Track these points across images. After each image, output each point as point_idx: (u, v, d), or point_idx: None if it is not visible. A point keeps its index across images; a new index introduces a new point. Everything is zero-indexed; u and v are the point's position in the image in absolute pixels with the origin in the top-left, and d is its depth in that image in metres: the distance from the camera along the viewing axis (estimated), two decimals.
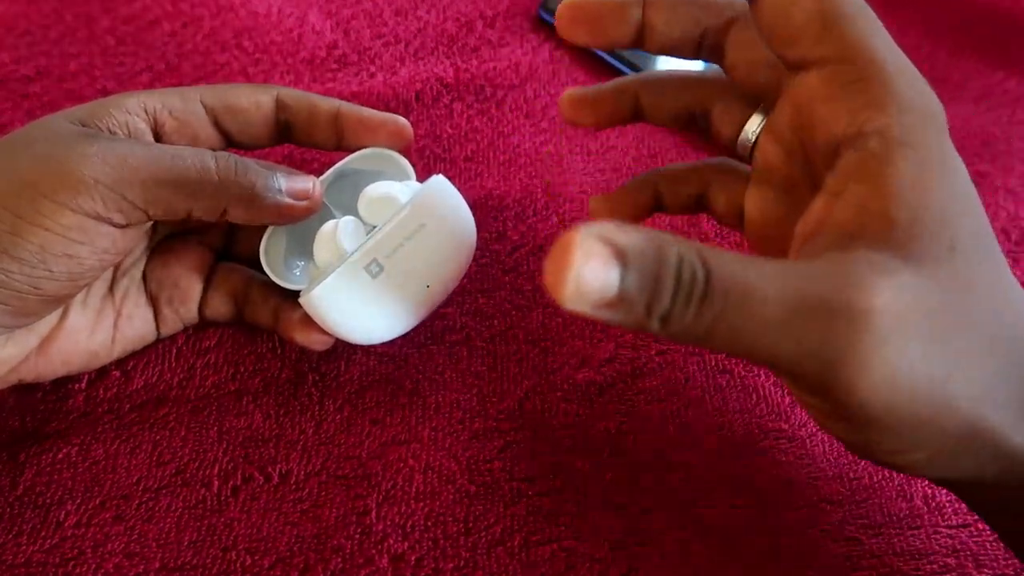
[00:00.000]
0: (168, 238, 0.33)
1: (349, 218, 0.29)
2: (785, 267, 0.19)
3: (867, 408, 0.19)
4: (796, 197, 0.24)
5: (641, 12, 0.25)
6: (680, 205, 0.29)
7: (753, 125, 0.26)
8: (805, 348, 0.18)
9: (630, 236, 0.18)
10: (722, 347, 0.19)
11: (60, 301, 0.27)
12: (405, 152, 0.32)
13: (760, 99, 0.26)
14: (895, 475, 0.29)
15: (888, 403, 0.19)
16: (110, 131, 0.28)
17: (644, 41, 0.25)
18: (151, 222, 0.27)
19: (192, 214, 0.27)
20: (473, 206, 0.31)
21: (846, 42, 0.21)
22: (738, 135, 0.26)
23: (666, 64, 0.43)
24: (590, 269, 0.17)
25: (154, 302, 0.32)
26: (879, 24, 0.21)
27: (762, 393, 0.31)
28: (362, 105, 0.32)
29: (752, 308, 0.18)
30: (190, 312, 0.32)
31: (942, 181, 0.20)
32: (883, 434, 0.20)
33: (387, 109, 0.42)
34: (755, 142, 0.26)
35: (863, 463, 0.29)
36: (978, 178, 0.39)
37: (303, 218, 0.29)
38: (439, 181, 0.30)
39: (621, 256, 0.18)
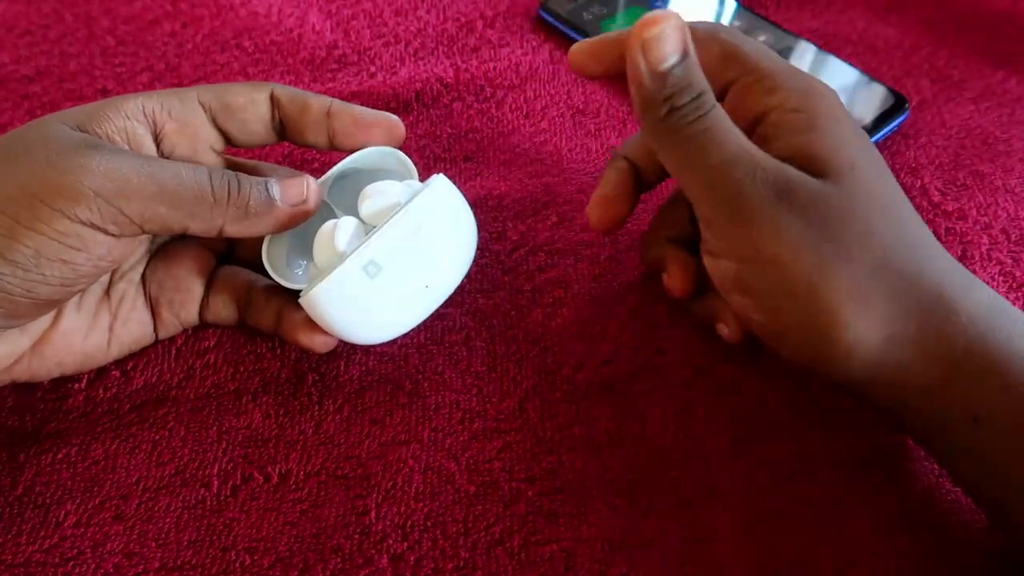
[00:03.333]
0: (169, 241, 0.33)
1: (348, 218, 0.29)
2: (750, 146, 0.25)
3: (755, 246, 0.25)
4: None
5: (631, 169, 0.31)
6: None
7: None
8: (727, 186, 0.25)
9: (693, 49, 0.25)
10: (681, 156, 0.26)
11: (52, 305, 0.27)
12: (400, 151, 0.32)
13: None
14: (896, 475, 0.29)
15: (770, 251, 0.25)
16: (109, 137, 0.27)
17: (645, 182, 0.32)
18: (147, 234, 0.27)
19: (188, 231, 0.27)
20: (473, 206, 0.31)
21: (742, 64, 0.28)
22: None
23: None
24: (668, 40, 0.24)
25: (154, 305, 0.32)
26: (762, 46, 0.29)
27: (762, 394, 0.31)
28: (362, 105, 0.32)
29: (718, 145, 0.25)
30: (190, 315, 0.32)
31: (831, 121, 0.26)
32: (773, 291, 0.25)
33: (387, 109, 0.42)
34: None
35: (863, 463, 0.29)
36: (978, 178, 0.39)
37: (302, 222, 0.29)
38: (439, 181, 0.30)
39: (685, 54, 0.25)
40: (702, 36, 0.28)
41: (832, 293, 0.24)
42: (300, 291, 0.30)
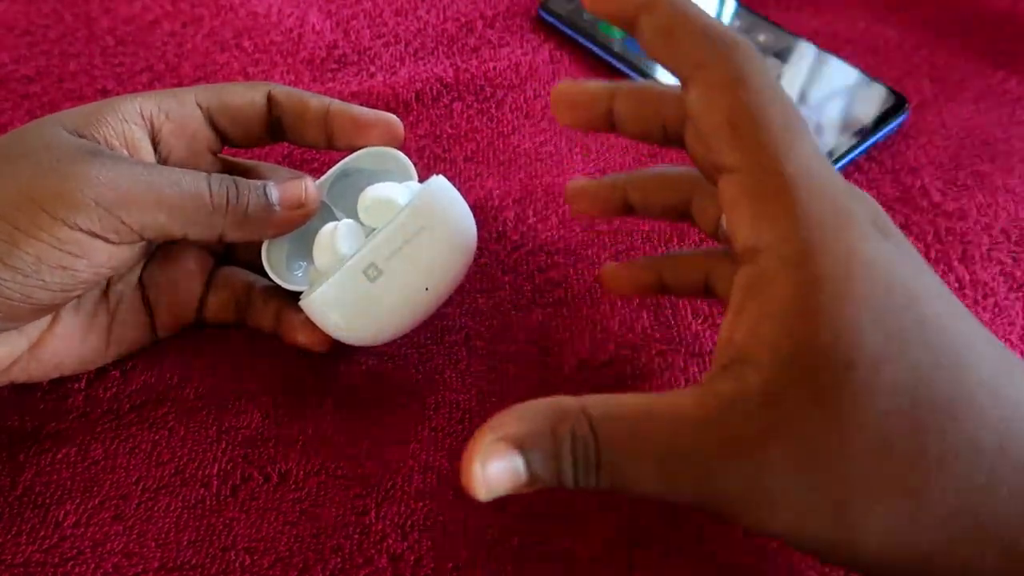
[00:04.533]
0: (168, 242, 0.33)
1: (347, 221, 0.29)
2: (661, 418, 0.20)
3: (760, 532, 0.20)
4: None
5: (608, 104, 0.25)
6: (684, 287, 0.29)
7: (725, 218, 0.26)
8: (684, 489, 0.20)
9: (526, 423, 0.21)
10: (629, 494, 0.21)
11: (50, 309, 0.27)
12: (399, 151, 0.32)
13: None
14: None
15: (782, 531, 0.20)
16: (107, 142, 0.27)
17: (616, 128, 0.26)
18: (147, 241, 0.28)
19: (188, 237, 0.27)
20: (473, 206, 0.31)
21: (754, 150, 0.20)
22: (716, 227, 0.27)
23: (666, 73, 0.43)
24: (494, 468, 0.20)
25: (152, 306, 0.32)
26: (798, 125, 0.21)
27: None
28: (363, 105, 0.32)
29: (633, 466, 0.20)
30: (189, 316, 0.32)
31: (837, 296, 0.19)
32: (810, 553, 0.21)
33: (387, 109, 0.42)
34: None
35: None
36: (978, 178, 0.39)
37: (301, 224, 0.29)
38: (438, 182, 0.30)
39: (520, 445, 0.20)
40: (711, 87, 0.21)
41: (874, 540, 0.19)
42: (299, 292, 0.30)
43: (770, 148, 0.20)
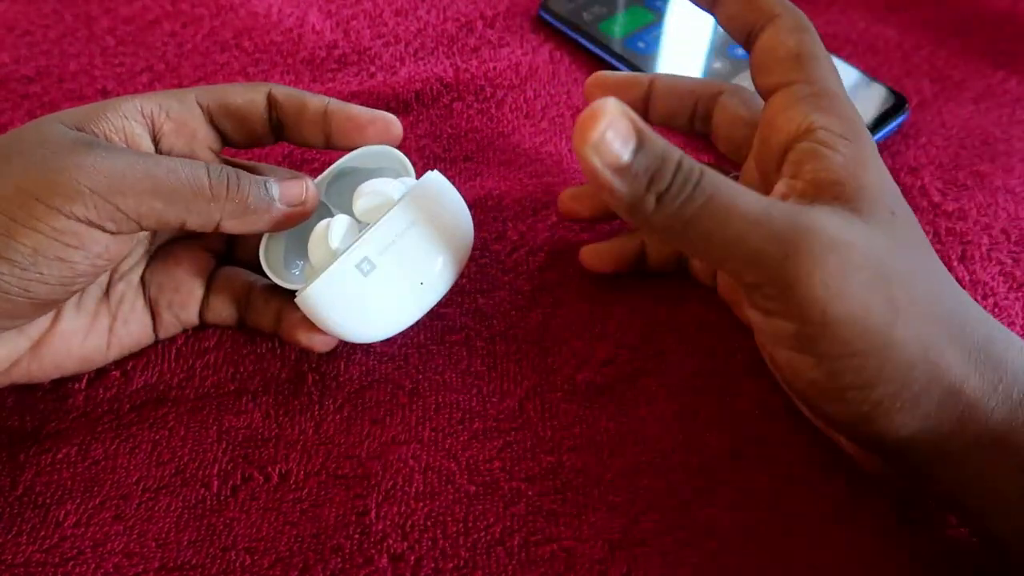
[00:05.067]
0: (169, 242, 0.33)
1: (341, 216, 0.29)
2: (760, 196, 0.23)
3: (821, 307, 0.22)
4: None
5: (647, 89, 0.31)
6: (661, 262, 0.34)
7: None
8: (761, 250, 0.22)
9: (648, 125, 0.22)
10: (697, 240, 0.23)
11: (50, 306, 0.27)
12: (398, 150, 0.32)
13: (735, 156, 0.32)
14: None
15: (841, 310, 0.22)
16: (107, 136, 0.27)
17: (648, 113, 0.32)
18: (145, 231, 0.27)
19: (186, 226, 0.27)
20: (473, 206, 0.31)
21: (808, 72, 0.26)
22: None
23: (667, 64, 0.43)
24: (614, 131, 0.21)
25: (153, 306, 0.32)
26: (834, 67, 0.27)
27: (761, 394, 0.31)
28: (362, 105, 0.32)
29: (728, 211, 0.22)
30: (190, 317, 0.32)
31: (877, 165, 0.25)
32: (842, 351, 0.22)
33: (387, 109, 0.42)
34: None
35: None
36: (978, 178, 0.39)
37: (299, 223, 0.29)
38: (432, 177, 0.30)
39: (640, 134, 0.21)
40: (783, 25, 0.27)
41: (906, 347, 0.22)
42: (297, 291, 0.30)
43: (823, 73, 0.26)
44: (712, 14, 0.29)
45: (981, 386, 0.23)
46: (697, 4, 0.29)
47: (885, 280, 0.22)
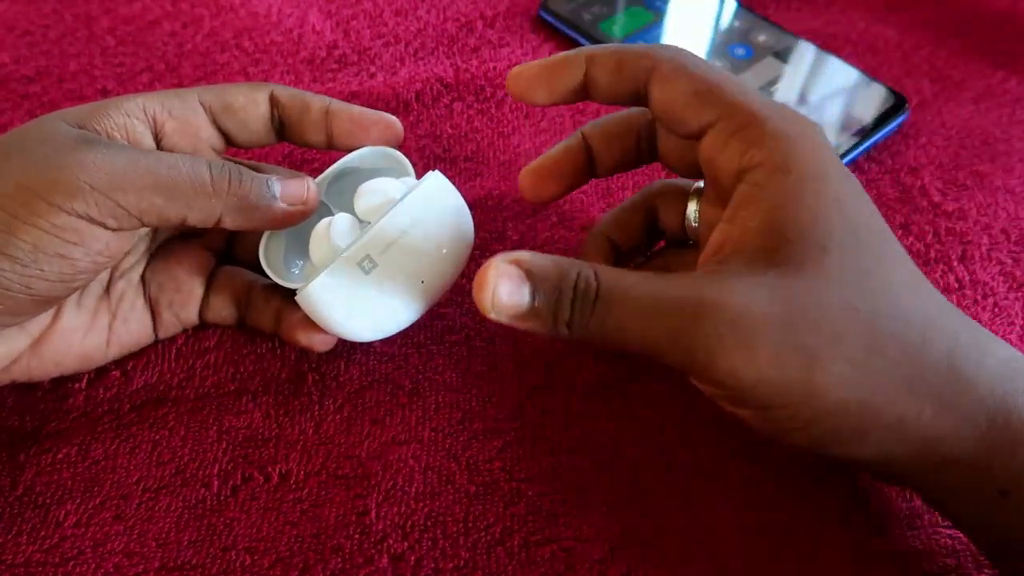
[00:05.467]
0: (169, 241, 0.33)
1: (343, 215, 0.29)
2: (658, 276, 0.24)
3: (732, 378, 0.22)
4: None
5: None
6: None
7: (691, 208, 0.30)
8: (667, 337, 0.23)
9: (539, 260, 0.23)
10: (612, 343, 0.24)
11: (51, 302, 0.27)
12: (399, 151, 0.32)
13: (690, 175, 0.30)
14: None
15: (751, 375, 0.22)
16: (108, 134, 0.27)
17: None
18: (146, 228, 0.27)
19: (187, 222, 0.27)
20: (473, 206, 0.31)
21: (720, 104, 0.25)
22: (683, 223, 0.31)
23: None
24: (504, 287, 0.23)
25: (154, 305, 0.32)
26: (740, 81, 0.26)
27: None
28: (363, 105, 0.32)
29: (626, 306, 0.23)
30: (190, 316, 0.32)
31: (814, 194, 0.24)
32: (769, 404, 0.23)
33: (387, 109, 0.42)
34: (698, 220, 0.30)
35: None
36: (978, 178, 0.39)
37: (299, 222, 0.29)
38: (434, 177, 0.30)
39: (531, 277, 0.23)
40: (667, 71, 0.26)
41: (832, 391, 0.22)
42: (297, 289, 0.30)
43: (735, 98, 0.25)
44: (591, 98, 0.29)
45: (939, 415, 0.22)
46: (571, 100, 0.29)
47: (799, 332, 0.22)
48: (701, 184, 0.31)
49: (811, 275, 0.23)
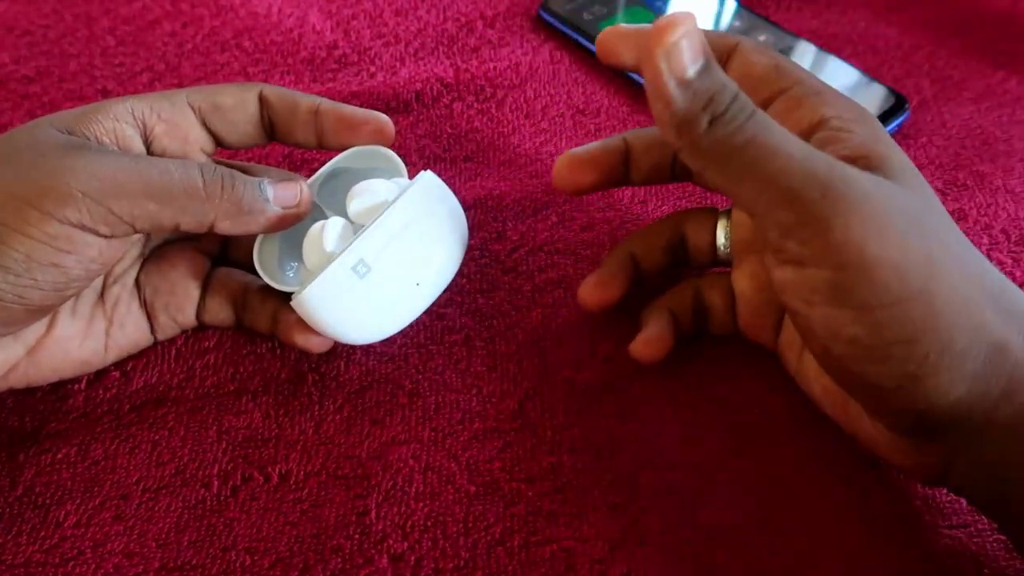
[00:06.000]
0: (162, 244, 0.33)
1: (336, 218, 0.29)
2: (804, 143, 0.23)
3: (858, 248, 0.21)
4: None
5: (623, 159, 0.30)
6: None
7: (721, 230, 0.31)
8: (805, 192, 0.22)
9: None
10: (738, 169, 0.22)
11: (45, 311, 0.27)
12: (392, 150, 0.32)
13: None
14: (895, 476, 0.29)
15: (878, 252, 0.21)
16: (98, 139, 0.27)
17: (630, 176, 0.31)
18: (139, 234, 0.27)
19: (180, 227, 0.27)
20: (473, 206, 0.31)
21: (796, 77, 0.26)
22: (713, 241, 0.32)
23: None
24: (688, 43, 0.21)
25: (150, 309, 0.32)
26: (807, 70, 0.27)
27: (762, 393, 0.31)
28: (362, 105, 0.32)
29: (774, 147, 0.22)
30: (187, 318, 0.32)
31: (894, 144, 0.25)
32: (882, 298, 0.21)
33: (387, 109, 0.42)
34: (727, 237, 0.31)
35: (864, 464, 0.29)
36: (978, 178, 0.39)
37: (293, 225, 0.29)
38: (426, 178, 0.30)
39: (707, 56, 0.22)
40: (749, 48, 0.27)
41: (947, 296, 0.22)
42: (292, 292, 0.30)
43: (809, 77, 0.26)
44: None
45: (1003, 327, 0.22)
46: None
47: (920, 231, 0.22)
48: (727, 207, 0.32)
49: (920, 192, 0.23)
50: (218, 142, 0.31)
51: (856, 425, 0.27)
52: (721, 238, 0.31)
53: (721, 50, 0.27)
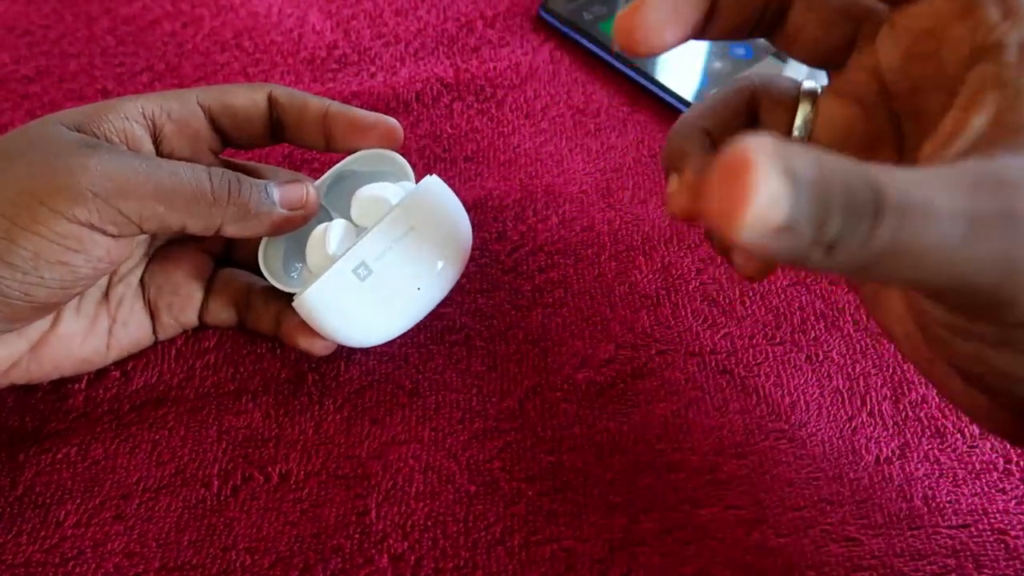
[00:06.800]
0: (167, 244, 0.33)
1: (339, 221, 0.29)
2: (951, 176, 0.17)
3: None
4: (876, 156, 0.23)
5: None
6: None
7: (801, 115, 0.25)
8: (986, 260, 0.17)
9: (797, 155, 0.15)
10: (892, 272, 0.17)
11: (50, 309, 0.27)
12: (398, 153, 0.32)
13: (826, 63, 0.25)
14: (895, 476, 0.29)
15: None
16: (107, 138, 0.27)
17: (710, 25, 0.23)
18: (146, 234, 0.27)
19: (186, 230, 0.27)
20: (473, 206, 0.31)
21: None
22: (789, 131, 0.25)
23: (667, 64, 0.43)
24: (767, 194, 0.15)
25: (153, 308, 0.32)
26: None
27: (762, 393, 0.31)
28: (362, 105, 0.32)
29: (930, 224, 0.16)
30: (190, 319, 0.32)
31: None
32: None
33: (387, 109, 0.42)
34: (806, 127, 0.25)
35: (863, 464, 0.29)
36: None
37: (300, 226, 0.29)
38: (431, 182, 0.30)
39: (791, 177, 0.15)
40: None
41: None
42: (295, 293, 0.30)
43: None
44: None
45: None
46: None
47: None
48: (813, 85, 0.25)
49: None
50: (226, 142, 0.31)
51: (943, 381, 0.23)
52: (799, 127, 0.25)
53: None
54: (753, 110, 0.26)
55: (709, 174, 0.15)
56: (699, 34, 0.24)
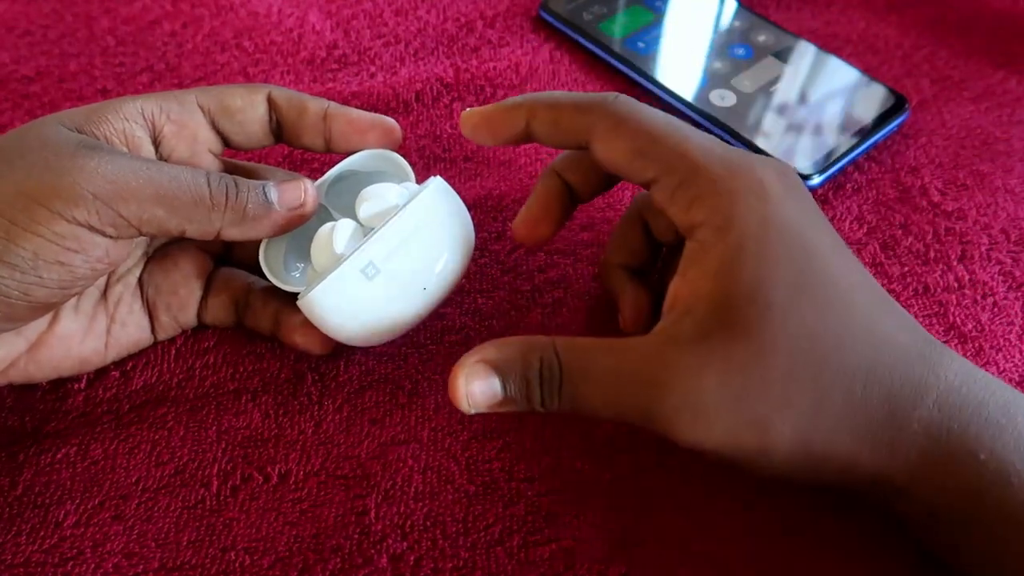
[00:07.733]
0: (166, 244, 0.33)
1: (346, 220, 0.29)
2: (618, 345, 0.25)
3: (696, 446, 0.24)
4: None
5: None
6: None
7: None
8: (632, 411, 0.24)
9: (503, 351, 0.25)
10: (585, 416, 0.25)
11: (48, 308, 0.27)
12: (398, 153, 0.32)
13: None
14: None
15: (713, 447, 0.23)
16: (107, 139, 0.27)
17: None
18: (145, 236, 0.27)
19: (185, 234, 0.27)
20: (473, 206, 0.31)
21: (661, 159, 0.26)
22: (674, 230, 0.29)
23: (667, 64, 0.43)
24: (476, 386, 0.25)
25: (151, 308, 0.32)
26: (687, 129, 0.26)
27: None
28: (362, 105, 0.32)
29: (589, 385, 0.25)
30: (189, 318, 0.32)
31: (755, 256, 0.24)
32: (733, 461, 0.24)
33: (387, 109, 0.42)
34: None
35: None
36: (978, 178, 0.39)
37: (299, 225, 0.29)
38: (437, 183, 0.30)
39: (498, 370, 0.25)
40: (605, 130, 0.26)
41: (785, 447, 0.23)
42: (297, 293, 0.30)
43: (674, 152, 0.26)
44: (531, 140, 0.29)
45: (876, 455, 0.23)
46: (519, 143, 0.30)
47: (750, 403, 0.23)
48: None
49: (757, 340, 0.23)
50: (226, 143, 0.31)
51: None
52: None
53: (576, 129, 0.27)
54: (646, 223, 0.31)
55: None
56: (574, 207, 0.31)
